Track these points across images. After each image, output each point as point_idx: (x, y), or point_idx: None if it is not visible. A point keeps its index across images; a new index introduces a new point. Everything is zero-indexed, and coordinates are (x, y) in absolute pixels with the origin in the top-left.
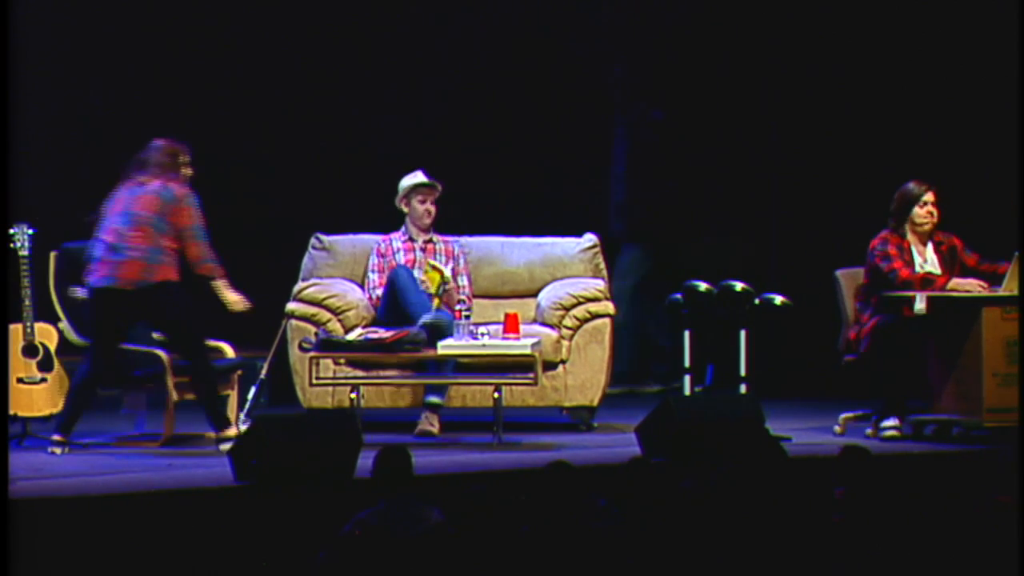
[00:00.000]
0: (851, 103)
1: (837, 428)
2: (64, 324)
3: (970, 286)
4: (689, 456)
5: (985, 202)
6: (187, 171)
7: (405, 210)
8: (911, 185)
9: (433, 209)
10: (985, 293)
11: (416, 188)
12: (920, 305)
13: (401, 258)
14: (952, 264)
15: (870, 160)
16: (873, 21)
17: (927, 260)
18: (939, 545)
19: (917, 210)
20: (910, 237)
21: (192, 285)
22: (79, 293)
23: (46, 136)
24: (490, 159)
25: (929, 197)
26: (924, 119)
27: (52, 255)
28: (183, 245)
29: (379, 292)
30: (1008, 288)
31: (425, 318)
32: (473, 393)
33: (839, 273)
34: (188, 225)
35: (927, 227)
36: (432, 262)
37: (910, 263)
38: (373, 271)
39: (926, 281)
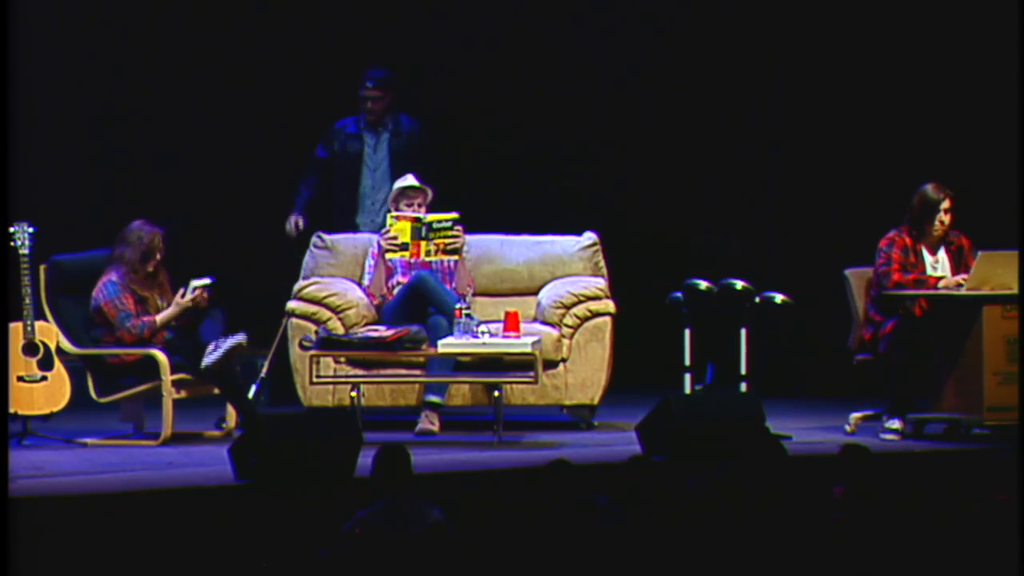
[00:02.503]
0: (852, 100)
1: (848, 427)
2: (60, 336)
3: (954, 286)
4: (689, 454)
5: (986, 198)
6: (123, 254)
7: (394, 212)
8: (930, 190)
9: (424, 212)
10: (973, 292)
11: (403, 192)
12: None
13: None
14: (959, 264)
15: (870, 157)
16: (874, 15)
17: (938, 261)
18: (939, 544)
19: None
20: (932, 236)
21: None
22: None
23: (46, 136)
24: (490, 158)
25: (946, 204)
26: (926, 114)
27: (42, 267)
28: None
29: (367, 280)
30: (971, 285)
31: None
32: (474, 391)
33: (848, 272)
34: None
35: (940, 232)
36: (393, 213)
37: (917, 265)
38: (368, 273)
39: (919, 282)
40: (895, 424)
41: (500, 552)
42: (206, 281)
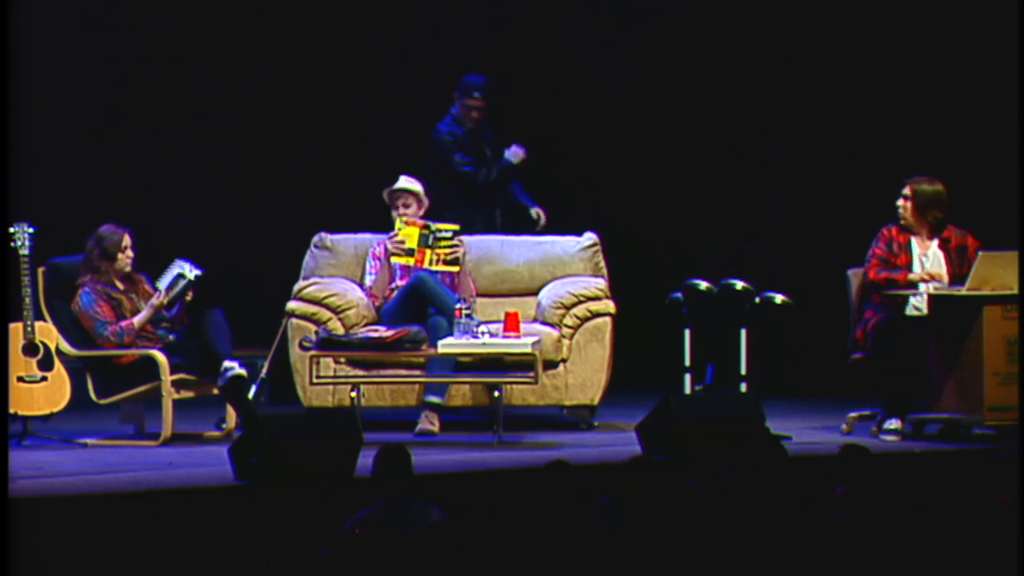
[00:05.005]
0: (852, 100)
1: (844, 427)
2: (60, 338)
3: (924, 282)
4: (689, 455)
5: (986, 198)
6: (88, 259)
7: (404, 217)
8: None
9: (417, 211)
10: (942, 290)
11: (393, 194)
12: (913, 305)
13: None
14: (961, 262)
15: (871, 157)
16: (874, 15)
17: (928, 256)
18: (939, 545)
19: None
20: (917, 233)
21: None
22: None
23: (46, 136)
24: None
25: (906, 191)
26: (926, 114)
27: (40, 270)
28: None
29: (369, 281)
30: (971, 285)
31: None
32: (474, 392)
33: (851, 272)
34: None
35: (905, 220)
36: (403, 218)
37: (900, 257)
38: (369, 274)
39: (889, 282)
40: (893, 424)
41: (500, 552)
42: (188, 273)
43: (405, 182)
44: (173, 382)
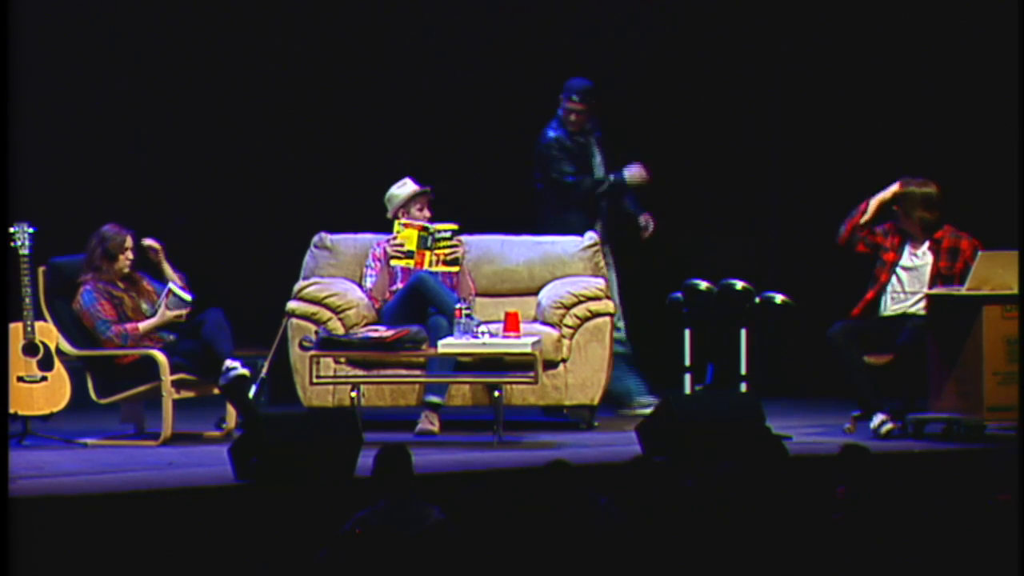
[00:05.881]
0: (852, 100)
1: (847, 427)
2: (60, 338)
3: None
4: (690, 455)
5: (986, 198)
6: (90, 258)
7: (402, 220)
8: None
9: (428, 214)
10: (973, 292)
11: (414, 198)
12: (890, 297)
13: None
14: (950, 264)
15: (871, 157)
16: (874, 16)
17: (917, 254)
18: (939, 545)
19: None
20: (910, 233)
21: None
22: None
23: (46, 136)
24: (489, 158)
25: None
26: (926, 114)
27: (40, 270)
28: None
29: (369, 283)
30: (971, 285)
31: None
32: (474, 391)
33: None
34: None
35: (899, 221)
36: (400, 220)
37: (889, 252)
38: (369, 275)
39: (852, 226)
40: (877, 420)
41: (500, 552)
42: (185, 296)
43: (412, 184)
44: (173, 382)
